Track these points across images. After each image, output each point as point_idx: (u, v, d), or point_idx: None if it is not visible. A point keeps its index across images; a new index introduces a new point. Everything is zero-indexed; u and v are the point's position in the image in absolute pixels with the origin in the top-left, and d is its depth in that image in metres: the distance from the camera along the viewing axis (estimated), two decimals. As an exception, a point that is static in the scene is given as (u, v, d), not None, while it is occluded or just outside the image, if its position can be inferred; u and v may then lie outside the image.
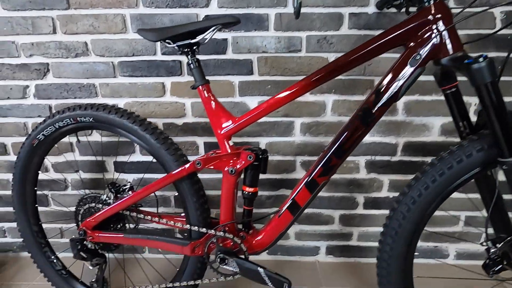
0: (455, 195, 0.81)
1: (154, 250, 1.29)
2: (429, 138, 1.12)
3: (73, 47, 1.07)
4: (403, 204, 0.66)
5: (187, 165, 0.75)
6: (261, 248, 0.78)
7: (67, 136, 0.89)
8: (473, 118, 0.68)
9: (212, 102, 0.75)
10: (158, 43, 1.05)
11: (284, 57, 1.06)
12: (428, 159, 1.14)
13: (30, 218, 0.97)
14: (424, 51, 0.60)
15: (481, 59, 0.54)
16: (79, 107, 0.84)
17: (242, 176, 0.77)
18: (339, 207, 1.22)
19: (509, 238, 0.63)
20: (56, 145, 0.92)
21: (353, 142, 0.66)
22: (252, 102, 1.10)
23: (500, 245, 0.63)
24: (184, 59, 1.07)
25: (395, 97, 0.62)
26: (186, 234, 0.86)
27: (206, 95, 0.75)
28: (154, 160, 0.81)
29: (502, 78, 0.61)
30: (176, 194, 1.21)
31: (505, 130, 0.56)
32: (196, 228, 0.79)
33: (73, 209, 1.23)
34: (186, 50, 0.74)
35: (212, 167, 0.75)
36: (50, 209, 1.26)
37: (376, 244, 1.25)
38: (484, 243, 0.65)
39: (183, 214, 0.85)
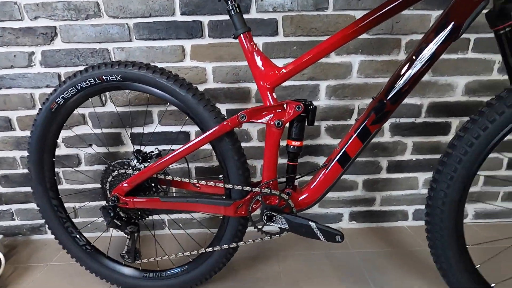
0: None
1: (174, 226, 1.24)
2: (453, 98, 1.12)
3: (84, 8, 0.99)
4: (460, 148, 0.65)
5: (229, 120, 0.71)
6: (307, 204, 0.75)
7: (89, 99, 0.83)
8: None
9: (255, 51, 0.71)
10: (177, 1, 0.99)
11: (310, 16, 1.02)
12: (452, 120, 1.15)
13: (49, 191, 0.91)
14: (489, -18, 0.57)
15: None
16: (104, 65, 0.77)
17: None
18: (363, 172, 1.21)
19: None
20: (76, 111, 0.85)
21: (411, 84, 0.64)
22: (277, 64, 1.05)
23: None
24: (205, 19, 1.01)
25: (456, 34, 0.60)
26: (224, 197, 0.82)
27: (249, 44, 0.71)
28: (182, 130, 0.76)
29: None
30: (198, 164, 1.17)
31: None
32: (239, 187, 0.76)
33: (86, 186, 1.19)
34: (225, -6, 0.69)
35: (257, 120, 0.71)
36: (61, 188, 1.19)
37: (398, 207, 1.26)
38: None
39: (221, 176, 0.81)
